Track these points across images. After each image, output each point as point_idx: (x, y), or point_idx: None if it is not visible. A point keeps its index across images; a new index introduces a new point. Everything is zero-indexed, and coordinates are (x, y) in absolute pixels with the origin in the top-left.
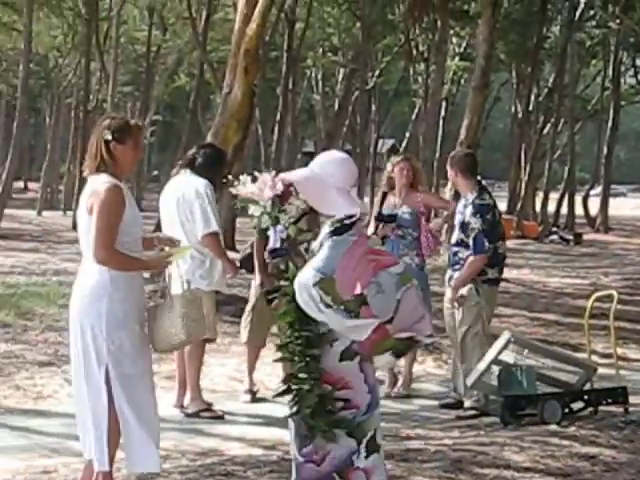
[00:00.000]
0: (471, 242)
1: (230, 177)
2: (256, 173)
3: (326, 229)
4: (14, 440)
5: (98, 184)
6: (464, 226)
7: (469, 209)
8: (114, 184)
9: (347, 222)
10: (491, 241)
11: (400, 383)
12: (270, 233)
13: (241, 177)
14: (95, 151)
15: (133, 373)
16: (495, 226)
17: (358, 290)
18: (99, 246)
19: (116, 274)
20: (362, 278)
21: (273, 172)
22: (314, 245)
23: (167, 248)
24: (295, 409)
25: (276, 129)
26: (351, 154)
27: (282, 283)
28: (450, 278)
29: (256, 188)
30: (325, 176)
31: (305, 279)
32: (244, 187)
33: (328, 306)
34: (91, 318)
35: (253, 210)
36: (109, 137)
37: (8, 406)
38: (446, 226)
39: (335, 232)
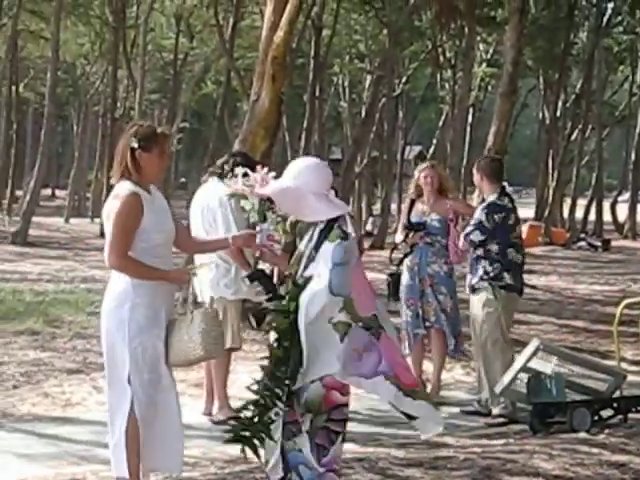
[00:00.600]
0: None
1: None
2: (247, 170)
3: (315, 234)
4: (43, 448)
5: (118, 192)
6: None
7: (479, 210)
8: (132, 192)
9: (332, 222)
10: (498, 243)
11: (429, 391)
12: (257, 229)
13: (236, 170)
14: (120, 158)
15: (154, 379)
16: (504, 230)
17: (372, 310)
18: (111, 252)
19: (138, 282)
20: (370, 298)
21: (265, 170)
22: (302, 248)
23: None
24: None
25: (303, 136)
26: (378, 161)
27: (270, 304)
28: (470, 283)
29: (246, 185)
30: (301, 184)
31: (323, 304)
32: (235, 182)
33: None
34: (115, 323)
35: (243, 204)
36: (135, 145)
37: (37, 414)
38: None
39: (326, 236)
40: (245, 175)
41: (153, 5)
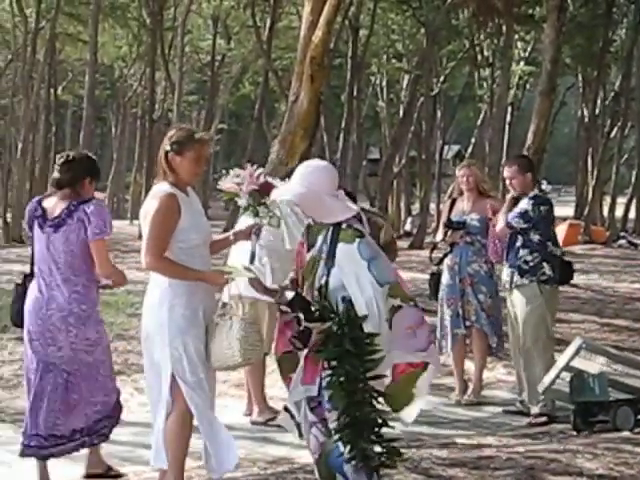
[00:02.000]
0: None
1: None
2: (236, 169)
3: (328, 238)
4: (85, 449)
5: (155, 192)
6: (521, 215)
7: (525, 200)
8: (169, 193)
9: (354, 225)
10: (541, 234)
11: (470, 390)
12: (252, 238)
13: (232, 171)
14: (158, 159)
15: (196, 380)
16: (547, 222)
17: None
18: (146, 252)
19: (175, 282)
20: (402, 279)
21: (254, 167)
22: (315, 254)
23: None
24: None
25: (341, 136)
26: (416, 161)
27: (313, 325)
28: (510, 280)
29: (236, 182)
30: (315, 187)
31: (381, 305)
32: (225, 181)
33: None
34: (154, 325)
35: (238, 201)
36: (168, 148)
37: None
38: None
39: (338, 238)
40: (238, 175)
41: (190, 7)
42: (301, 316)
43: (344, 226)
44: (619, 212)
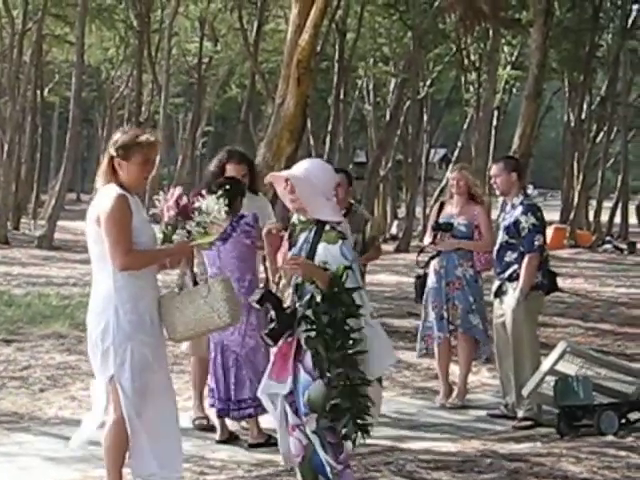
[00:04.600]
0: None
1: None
2: (161, 192)
3: (310, 238)
4: (70, 451)
5: (104, 195)
6: (510, 228)
7: (519, 209)
8: (119, 194)
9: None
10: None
11: (455, 394)
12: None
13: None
14: (103, 165)
15: (139, 387)
16: (543, 229)
17: None
18: (118, 254)
19: (121, 286)
20: None
21: (174, 190)
22: (295, 252)
23: None
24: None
25: (327, 139)
26: (403, 164)
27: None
28: (499, 288)
29: (159, 208)
30: (315, 180)
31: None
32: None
33: None
34: (100, 330)
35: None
36: (114, 153)
37: (64, 417)
38: None
39: (320, 239)
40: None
41: (177, 9)
42: (272, 313)
43: (327, 228)
44: (605, 216)
